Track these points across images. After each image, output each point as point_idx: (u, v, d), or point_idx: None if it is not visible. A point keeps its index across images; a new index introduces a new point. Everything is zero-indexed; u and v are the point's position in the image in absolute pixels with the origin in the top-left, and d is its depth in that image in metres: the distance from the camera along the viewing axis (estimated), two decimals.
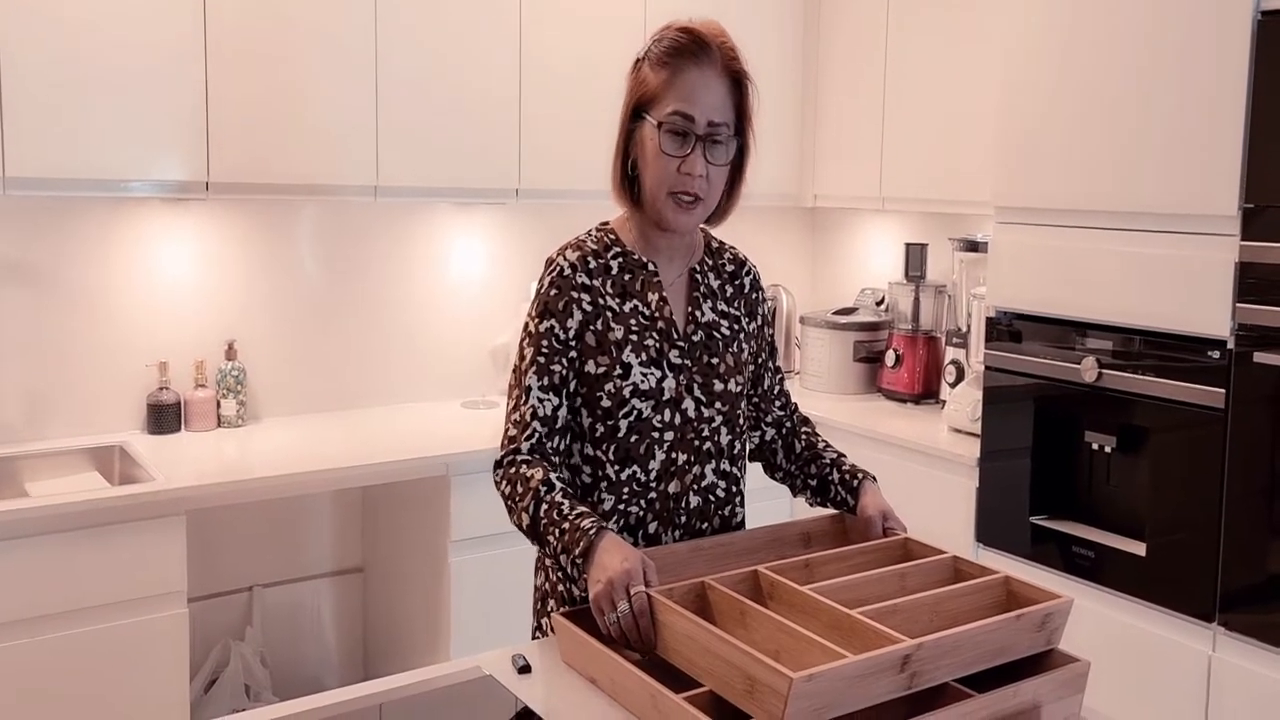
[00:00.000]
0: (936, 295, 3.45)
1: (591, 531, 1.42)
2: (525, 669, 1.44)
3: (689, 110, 1.54)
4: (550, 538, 1.47)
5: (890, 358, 3.47)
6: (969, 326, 3.13)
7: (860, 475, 1.73)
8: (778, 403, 1.81)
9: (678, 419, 1.60)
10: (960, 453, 2.83)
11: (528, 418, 1.55)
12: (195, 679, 2.81)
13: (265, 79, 2.67)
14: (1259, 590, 2.19)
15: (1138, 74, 2.37)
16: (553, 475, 1.52)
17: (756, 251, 1.83)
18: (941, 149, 3.19)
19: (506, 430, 1.58)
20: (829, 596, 1.37)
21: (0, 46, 2.35)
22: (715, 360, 1.64)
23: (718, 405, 1.63)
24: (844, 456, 1.78)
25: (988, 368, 2.75)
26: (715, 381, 1.63)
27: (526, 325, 1.61)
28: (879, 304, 3.67)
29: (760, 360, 1.76)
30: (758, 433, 1.81)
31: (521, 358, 1.59)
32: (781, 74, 3.57)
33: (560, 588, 1.63)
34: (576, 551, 1.42)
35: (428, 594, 2.84)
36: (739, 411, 1.67)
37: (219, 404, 2.91)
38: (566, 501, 1.49)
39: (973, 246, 3.17)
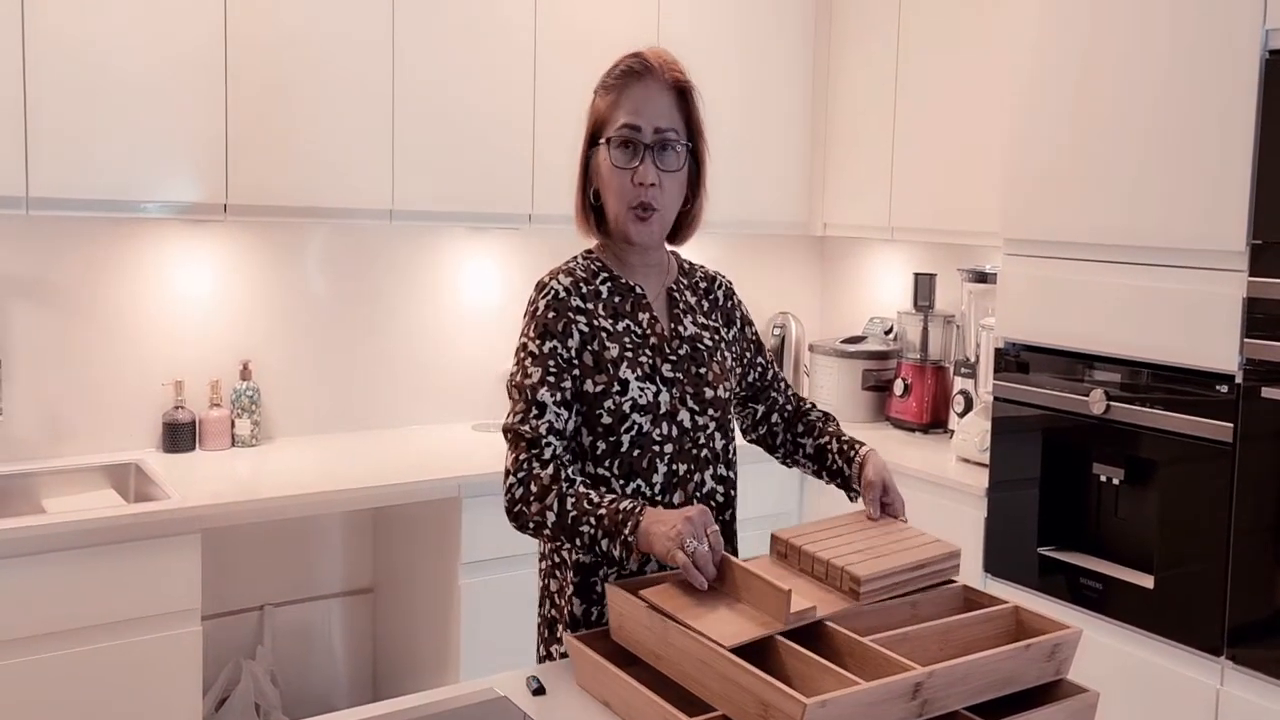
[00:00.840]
0: (945, 325, 3.47)
1: (636, 509, 1.48)
2: (539, 691, 1.45)
3: (635, 121, 1.61)
4: (584, 528, 1.51)
5: (899, 387, 3.49)
6: (978, 357, 3.15)
7: (860, 445, 1.76)
8: (774, 390, 1.87)
9: (675, 430, 1.65)
10: (968, 483, 2.85)
11: (543, 431, 1.58)
12: (206, 697, 2.82)
13: (284, 104, 2.71)
14: (1267, 624, 2.20)
15: (1147, 109, 2.40)
16: (569, 470, 1.57)
17: (765, 279, 1.87)
18: (951, 180, 3.22)
19: (519, 441, 1.58)
20: (841, 624, 1.39)
21: (25, 70, 2.39)
22: (703, 369, 1.69)
23: (710, 412, 1.69)
24: (846, 435, 1.82)
25: (996, 398, 2.76)
26: (706, 389, 1.68)
27: (525, 346, 1.63)
28: (888, 333, 3.69)
29: (747, 359, 1.83)
30: (762, 425, 1.87)
31: (525, 375, 1.61)
32: (791, 104, 3.61)
33: (569, 609, 1.65)
34: (626, 530, 1.47)
35: (438, 615, 2.86)
36: (729, 416, 1.74)
37: (233, 423, 2.94)
38: (592, 491, 1.54)
39: (981, 277, 3.19)
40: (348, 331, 3.17)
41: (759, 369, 1.85)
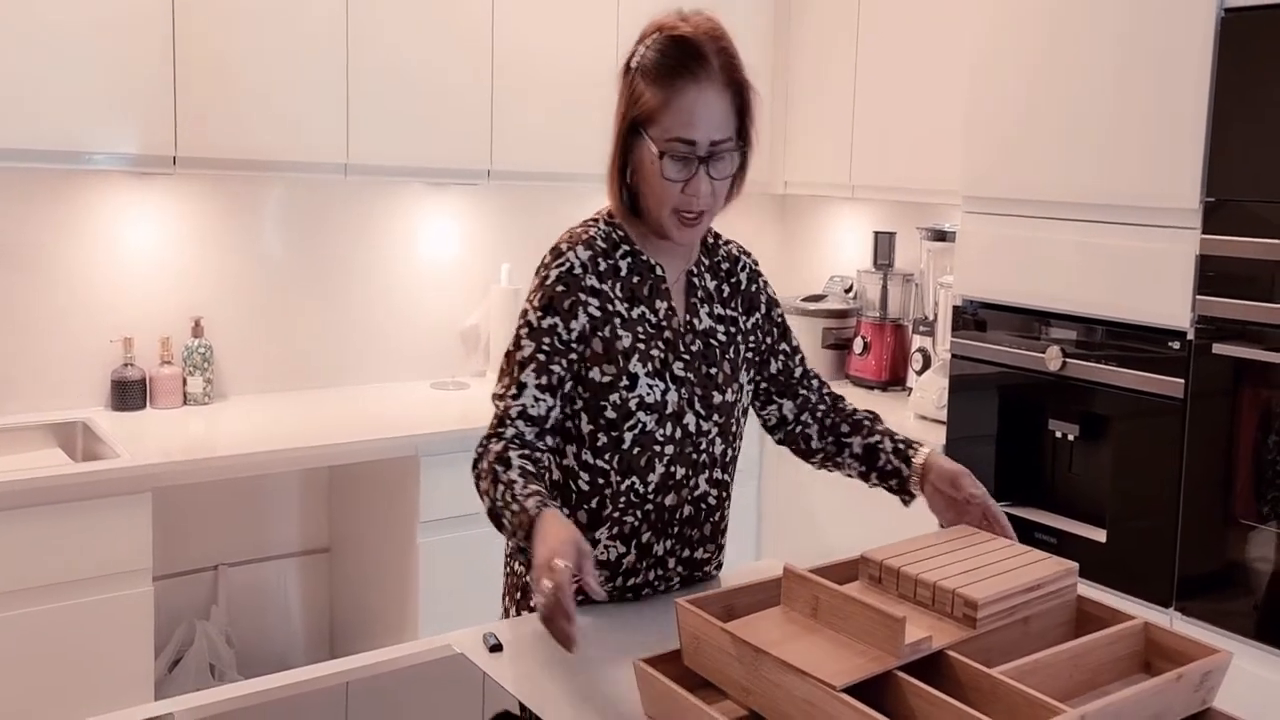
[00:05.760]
0: (904, 284, 3.48)
1: (534, 511, 1.34)
2: (497, 647, 1.44)
3: (690, 135, 1.47)
4: (505, 519, 1.41)
5: (858, 345, 3.50)
6: (936, 315, 3.17)
7: (919, 445, 1.65)
8: (803, 387, 1.73)
9: (678, 433, 1.57)
10: (926, 439, 2.85)
11: (513, 415, 1.50)
12: (159, 658, 2.79)
13: (234, 53, 2.64)
14: (1214, 577, 2.24)
15: (1104, 68, 2.40)
16: (513, 453, 1.45)
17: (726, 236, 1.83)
18: (911, 138, 3.21)
19: (494, 415, 1.52)
20: (958, 650, 1.19)
21: None
22: (714, 370, 1.60)
23: (715, 418, 1.60)
24: (899, 434, 1.70)
25: (954, 356, 2.78)
26: (714, 393, 1.60)
27: (526, 314, 1.54)
28: (847, 291, 3.70)
29: (768, 345, 1.70)
30: (793, 426, 1.73)
31: (518, 346, 1.53)
32: (751, 60, 3.55)
33: None
34: (521, 535, 1.35)
35: (396, 575, 2.84)
36: (733, 420, 1.64)
37: (185, 381, 2.88)
38: (520, 480, 1.41)
39: (940, 236, 3.20)
40: (303, 288, 3.12)
41: (782, 358, 1.71)
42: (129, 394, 2.80)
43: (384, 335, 3.27)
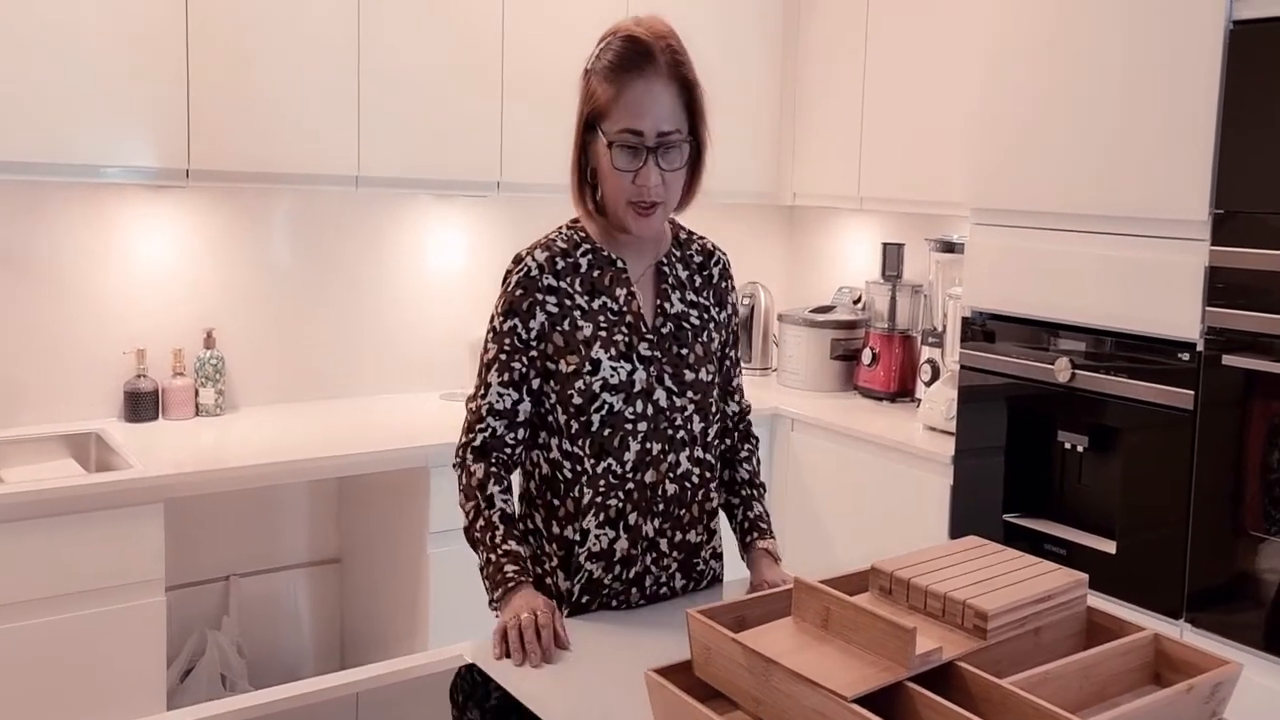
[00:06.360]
0: (913, 295, 3.49)
1: (511, 584, 1.55)
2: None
3: (637, 125, 1.55)
4: (479, 554, 1.61)
5: (867, 356, 3.50)
6: (944, 326, 3.17)
7: (757, 539, 1.75)
8: (732, 399, 1.83)
9: (649, 409, 1.63)
10: (935, 451, 2.87)
11: (484, 413, 1.64)
12: (171, 668, 2.80)
13: (247, 67, 2.66)
14: (1225, 588, 2.24)
15: (1113, 80, 2.40)
16: (494, 487, 1.62)
17: (734, 248, 1.85)
18: (919, 150, 3.22)
19: (465, 420, 1.68)
20: (969, 661, 1.20)
21: None
22: (685, 350, 1.66)
23: (689, 394, 1.66)
24: (761, 509, 1.80)
25: (963, 367, 2.78)
26: (686, 371, 1.66)
27: (492, 320, 1.65)
28: (856, 303, 3.70)
29: (724, 352, 1.78)
30: None
31: (485, 350, 1.66)
32: (760, 72, 3.58)
33: (548, 580, 1.65)
34: (495, 595, 1.56)
35: (406, 585, 2.85)
36: (711, 399, 1.70)
37: (197, 392, 2.90)
38: (502, 527, 1.60)
39: (949, 247, 3.20)
40: (314, 299, 3.13)
41: (727, 365, 1.79)
42: (142, 405, 2.82)
43: (394, 346, 3.28)
